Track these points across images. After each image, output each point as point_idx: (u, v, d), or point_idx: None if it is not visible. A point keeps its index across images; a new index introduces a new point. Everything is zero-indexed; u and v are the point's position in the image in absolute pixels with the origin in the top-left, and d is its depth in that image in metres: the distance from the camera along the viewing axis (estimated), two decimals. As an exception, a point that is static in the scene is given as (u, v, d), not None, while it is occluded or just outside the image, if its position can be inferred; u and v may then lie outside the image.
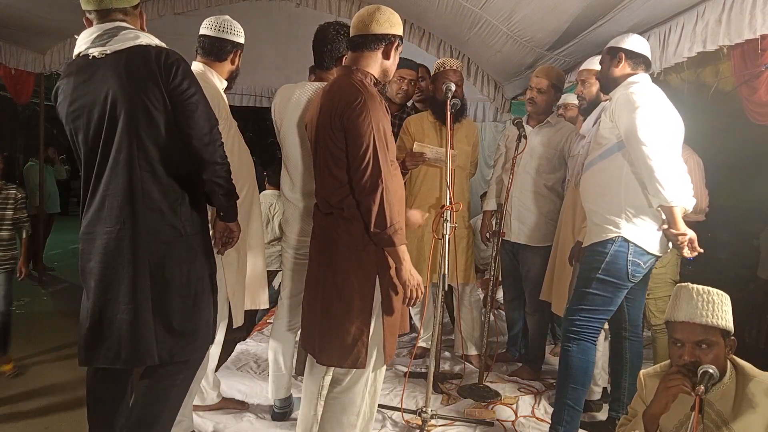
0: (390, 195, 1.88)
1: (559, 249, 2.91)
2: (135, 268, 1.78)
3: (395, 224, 1.87)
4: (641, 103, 2.20)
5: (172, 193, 1.84)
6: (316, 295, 2.06)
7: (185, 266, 1.86)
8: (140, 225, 1.79)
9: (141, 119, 1.77)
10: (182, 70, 1.80)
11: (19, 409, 3.17)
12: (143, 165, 1.79)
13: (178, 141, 1.84)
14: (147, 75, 1.76)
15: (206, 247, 1.98)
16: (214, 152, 1.88)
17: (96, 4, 1.81)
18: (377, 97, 1.95)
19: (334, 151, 1.93)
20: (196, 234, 1.91)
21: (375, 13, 1.98)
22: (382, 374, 2.18)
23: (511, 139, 3.30)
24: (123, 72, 1.75)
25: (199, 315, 1.91)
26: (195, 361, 1.98)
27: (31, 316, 5.09)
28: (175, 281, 1.84)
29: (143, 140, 1.78)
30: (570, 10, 3.30)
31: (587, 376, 2.42)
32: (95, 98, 1.79)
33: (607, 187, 2.34)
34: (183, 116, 1.82)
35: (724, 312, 1.61)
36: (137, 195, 1.78)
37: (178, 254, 1.85)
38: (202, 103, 1.85)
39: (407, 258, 1.94)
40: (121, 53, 1.77)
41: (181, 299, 1.86)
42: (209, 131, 1.86)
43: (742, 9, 2.37)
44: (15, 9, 4.39)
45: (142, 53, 1.78)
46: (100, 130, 1.79)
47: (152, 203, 1.80)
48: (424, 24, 5.08)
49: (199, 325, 1.91)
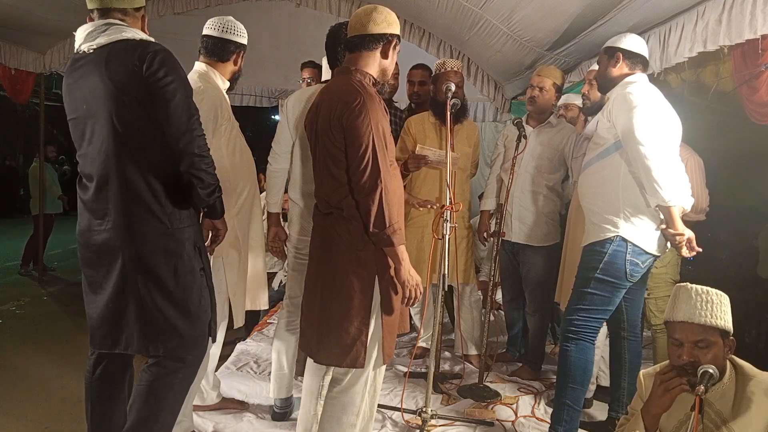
0: (389, 195, 1.88)
1: (568, 249, 2.91)
2: (122, 260, 1.81)
3: (394, 224, 1.87)
4: (638, 103, 2.20)
5: (157, 185, 1.83)
6: (314, 295, 2.06)
7: (172, 260, 1.86)
8: (126, 218, 1.80)
9: (122, 112, 1.77)
10: (159, 59, 1.77)
11: (19, 409, 3.17)
12: (126, 158, 1.79)
13: (162, 133, 1.82)
14: (127, 67, 1.75)
15: (196, 240, 1.96)
16: (190, 142, 1.82)
17: (98, 2, 1.83)
18: (376, 98, 1.95)
19: (333, 152, 1.93)
20: (183, 228, 1.89)
21: (372, 13, 1.98)
22: (381, 374, 2.18)
23: (510, 139, 3.30)
24: (104, 66, 1.77)
25: (189, 309, 1.90)
26: (194, 360, 1.97)
27: (31, 316, 5.08)
28: (162, 275, 1.84)
29: (125, 133, 1.79)
30: (570, 11, 3.30)
31: (586, 376, 2.42)
32: (83, 93, 1.82)
33: (605, 187, 2.34)
34: (159, 105, 1.78)
35: (723, 312, 1.62)
36: (122, 188, 1.79)
37: (164, 247, 1.84)
38: (180, 92, 1.80)
39: (406, 258, 1.94)
40: (105, 48, 1.79)
41: (169, 293, 1.85)
42: (186, 120, 1.81)
43: (743, 9, 2.37)
44: (15, 9, 4.39)
45: (123, 47, 1.79)
46: (85, 124, 1.82)
47: (137, 196, 1.81)
48: (424, 24, 5.07)
49: (189, 319, 1.90)
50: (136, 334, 1.85)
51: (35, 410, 3.16)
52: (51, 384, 3.57)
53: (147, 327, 1.85)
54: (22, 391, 3.42)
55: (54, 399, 3.32)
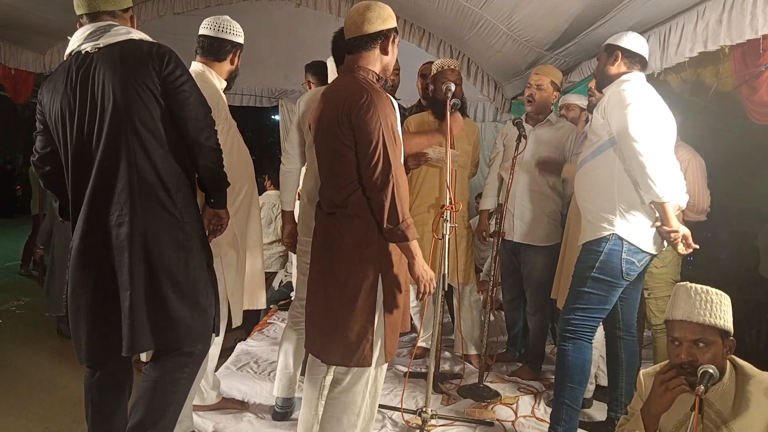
0: (400, 190, 1.88)
1: (567, 247, 2.91)
2: (131, 254, 1.79)
3: (407, 219, 1.88)
4: (632, 100, 2.21)
5: (168, 179, 1.85)
6: (318, 295, 2.05)
7: (183, 253, 1.87)
8: (137, 211, 1.79)
9: (137, 106, 1.79)
10: (174, 59, 1.83)
11: (19, 409, 3.17)
12: (139, 152, 1.80)
13: (173, 129, 1.85)
14: (141, 64, 1.79)
15: (203, 236, 1.98)
16: (210, 137, 1.90)
17: (86, 8, 1.86)
18: (383, 94, 1.94)
19: (340, 149, 1.91)
20: (192, 222, 1.92)
21: (365, 13, 1.95)
22: (382, 374, 2.18)
23: (509, 138, 3.30)
24: (117, 62, 1.78)
25: (197, 302, 1.91)
26: (200, 354, 1.98)
27: (31, 316, 5.08)
28: (173, 267, 1.84)
29: (139, 127, 1.80)
30: (570, 10, 3.30)
31: (584, 375, 2.42)
32: (87, 90, 1.80)
33: (601, 185, 2.35)
34: (177, 103, 1.83)
35: (723, 312, 1.61)
36: (134, 181, 1.79)
37: (175, 241, 1.85)
38: (196, 90, 1.88)
39: (419, 253, 1.94)
40: (114, 46, 1.81)
41: (180, 286, 1.85)
42: (204, 116, 1.89)
43: (743, 9, 2.37)
44: (15, 9, 4.39)
45: (135, 45, 1.82)
46: (95, 119, 1.80)
47: (149, 189, 1.81)
48: (424, 24, 5.08)
49: (197, 312, 1.90)
50: (148, 329, 1.82)
51: (35, 410, 3.16)
52: (51, 384, 3.57)
53: (159, 321, 1.83)
54: (22, 391, 3.42)
55: (54, 399, 3.32)
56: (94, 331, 1.84)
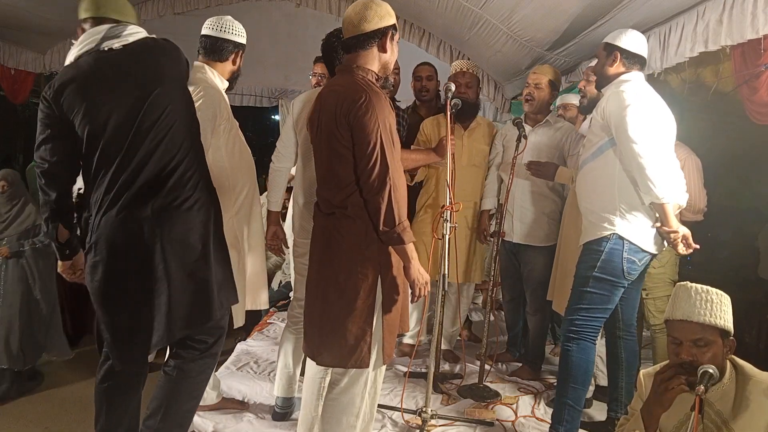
0: (397, 193, 1.87)
1: (562, 248, 2.92)
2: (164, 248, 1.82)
3: (403, 222, 1.87)
4: (631, 101, 2.21)
5: (189, 172, 1.91)
6: (316, 296, 2.04)
7: (208, 245, 1.93)
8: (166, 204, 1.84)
9: (178, 100, 1.91)
10: (185, 57, 2.02)
11: (19, 409, 3.17)
12: (184, 143, 1.90)
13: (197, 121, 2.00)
14: (176, 60, 1.94)
15: (217, 224, 2.02)
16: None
17: (93, 12, 1.90)
18: (382, 94, 1.93)
19: (339, 150, 1.90)
20: (212, 215, 1.97)
21: (362, 11, 1.93)
22: (381, 374, 2.18)
23: (509, 138, 3.30)
24: (159, 56, 1.90)
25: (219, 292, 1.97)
26: (217, 347, 2.07)
27: (31, 316, 5.07)
28: (199, 259, 1.90)
29: (180, 119, 1.90)
30: (570, 10, 3.30)
31: (587, 376, 2.42)
32: (125, 83, 1.82)
33: (601, 185, 2.35)
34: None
35: (723, 312, 1.61)
36: (158, 173, 1.83)
37: (201, 233, 1.91)
38: None
39: (415, 256, 1.94)
40: (138, 42, 1.89)
41: (207, 275, 1.92)
42: None
43: (743, 9, 2.37)
44: (15, 9, 4.39)
45: (162, 43, 1.95)
46: (136, 114, 1.81)
47: (174, 181, 1.86)
48: (424, 24, 5.07)
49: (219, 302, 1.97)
50: (180, 320, 1.85)
51: (35, 410, 3.17)
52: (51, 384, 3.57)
53: (190, 310, 1.88)
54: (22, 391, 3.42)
55: (54, 399, 3.33)
56: (138, 328, 1.86)
